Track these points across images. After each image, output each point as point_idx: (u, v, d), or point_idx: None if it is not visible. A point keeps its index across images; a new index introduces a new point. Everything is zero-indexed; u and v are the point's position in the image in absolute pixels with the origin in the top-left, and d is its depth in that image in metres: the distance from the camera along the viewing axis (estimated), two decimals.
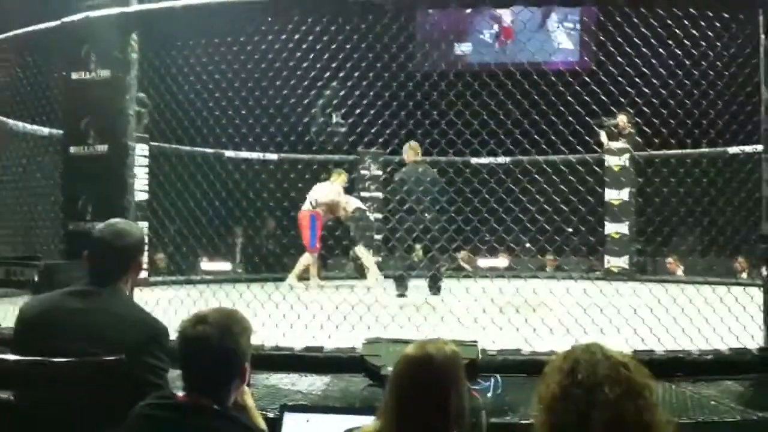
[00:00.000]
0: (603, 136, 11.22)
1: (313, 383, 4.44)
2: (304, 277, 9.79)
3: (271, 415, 3.39)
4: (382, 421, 2.25)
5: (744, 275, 10.44)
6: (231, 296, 5.77)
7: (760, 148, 4.90)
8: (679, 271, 11.45)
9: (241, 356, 2.39)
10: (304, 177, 10.42)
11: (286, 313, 5.73)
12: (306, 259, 9.84)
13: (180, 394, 2.39)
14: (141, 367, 2.71)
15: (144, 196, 9.28)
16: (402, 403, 2.23)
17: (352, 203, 10.34)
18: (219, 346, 2.32)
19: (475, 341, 4.10)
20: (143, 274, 9.08)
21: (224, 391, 2.38)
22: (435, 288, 8.63)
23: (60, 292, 3.01)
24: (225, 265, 11.89)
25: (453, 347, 2.36)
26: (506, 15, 14.71)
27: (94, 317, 2.81)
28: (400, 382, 2.27)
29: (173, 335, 2.59)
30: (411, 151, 8.73)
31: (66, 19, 5.32)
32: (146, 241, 3.40)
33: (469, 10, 14.06)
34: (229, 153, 10.57)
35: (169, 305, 5.54)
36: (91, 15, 5.22)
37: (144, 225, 9.18)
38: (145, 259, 9.15)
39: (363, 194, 11.64)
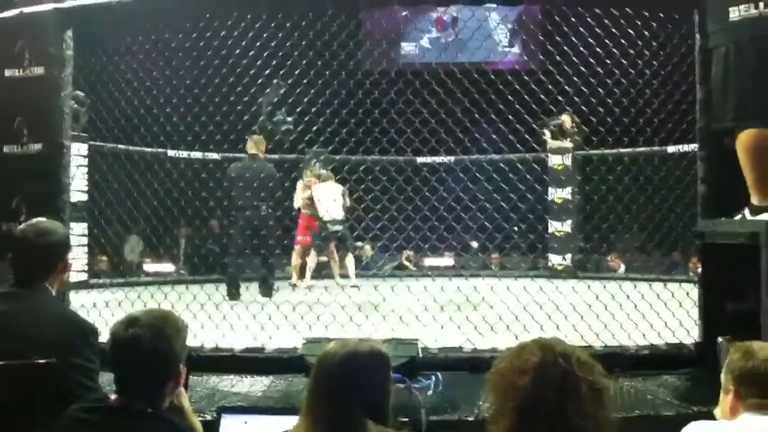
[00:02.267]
0: (547, 135, 11.33)
1: (253, 384, 4.39)
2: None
3: (208, 417, 3.35)
4: (304, 418, 2.23)
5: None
6: (170, 298, 5.69)
7: (696, 146, 4.99)
8: (621, 268, 11.62)
9: (175, 358, 2.34)
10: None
11: (226, 314, 5.67)
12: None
13: (112, 397, 2.34)
14: (69, 367, 2.66)
15: (83, 197, 9.11)
16: (320, 398, 2.22)
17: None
18: (151, 349, 2.27)
19: (416, 339, 4.11)
20: (82, 276, 8.98)
21: (158, 393, 2.33)
22: (266, 289, 8.06)
23: None
24: (168, 267, 11.71)
25: (376, 346, 2.35)
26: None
27: (20, 319, 2.75)
28: (318, 378, 2.25)
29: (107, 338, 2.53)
30: (252, 144, 8.33)
31: None
32: (70, 240, 3.32)
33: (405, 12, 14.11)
34: (171, 152, 10.41)
35: (106, 307, 5.44)
36: (25, 11, 5.12)
37: (83, 226, 9.02)
38: (84, 260, 9.09)
39: None
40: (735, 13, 3.98)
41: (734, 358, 2.53)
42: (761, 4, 3.90)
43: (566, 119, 11.10)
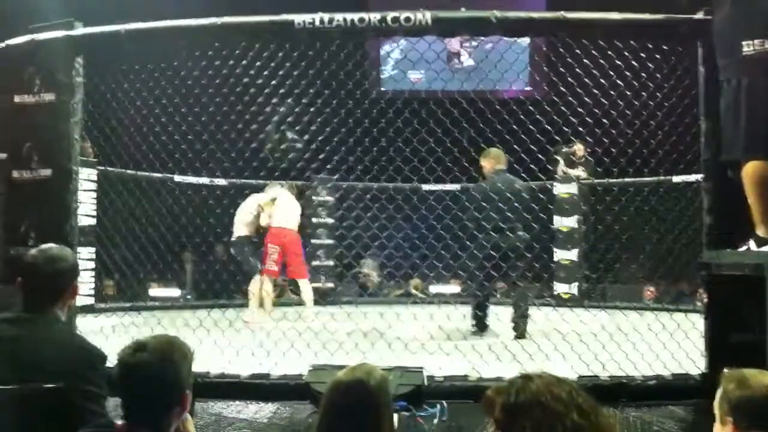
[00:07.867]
0: (561, 163, 11.35)
1: (259, 411, 4.40)
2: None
3: None
4: None
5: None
6: (176, 323, 5.70)
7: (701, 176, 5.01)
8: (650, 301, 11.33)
9: (182, 384, 2.36)
10: None
11: (231, 339, 5.68)
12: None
13: (119, 422, 2.35)
14: (77, 393, 2.68)
15: (92, 221, 9.16)
16: (332, 429, 2.23)
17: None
18: (158, 374, 2.29)
19: (421, 368, 4.11)
20: (89, 301, 8.99)
21: (164, 419, 2.34)
22: (522, 321, 6.86)
23: None
24: (174, 291, 11.72)
25: (382, 373, 2.37)
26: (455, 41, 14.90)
27: (28, 344, 2.77)
28: (330, 408, 2.26)
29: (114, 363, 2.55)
30: (492, 160, 7.49)
31: (10, 42, 5.26)
32: (79, 266, 3.34)
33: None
34: (178, 178, 10.46)
35: (113, 332, 5.45)
36: (36, 38, 5.18)
37: (90, 250, 9.06)
38: (91, 285, 9.11)
39: (313, 220, 11.62)
40: (749, 47, 3.97)
41: (729, 388, 2.48)
42: None
43: (578, 147, 11.13)
